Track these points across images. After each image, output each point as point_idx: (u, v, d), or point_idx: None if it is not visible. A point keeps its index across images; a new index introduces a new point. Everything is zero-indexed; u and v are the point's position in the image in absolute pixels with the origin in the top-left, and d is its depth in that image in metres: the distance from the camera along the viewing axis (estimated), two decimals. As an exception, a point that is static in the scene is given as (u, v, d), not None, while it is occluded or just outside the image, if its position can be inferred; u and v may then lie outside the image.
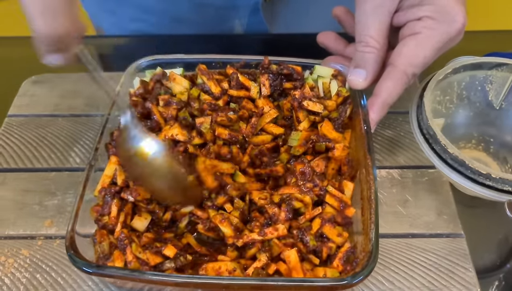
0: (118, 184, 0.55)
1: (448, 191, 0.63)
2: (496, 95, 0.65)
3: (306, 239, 0.52)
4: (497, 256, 0.60)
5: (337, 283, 0.46)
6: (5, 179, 0.65)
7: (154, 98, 0.63)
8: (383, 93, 0.57)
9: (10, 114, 0.73)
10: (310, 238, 0.52)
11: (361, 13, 0.58)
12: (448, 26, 0.55)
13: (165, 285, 0.48)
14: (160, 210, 0.56)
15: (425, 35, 0.56)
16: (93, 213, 0.54)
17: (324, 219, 0.53)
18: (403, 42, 0.57)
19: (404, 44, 0.57)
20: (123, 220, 0.53)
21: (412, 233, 0.59)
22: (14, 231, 0.60)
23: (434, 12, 0.56)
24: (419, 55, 0.56)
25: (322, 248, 0.52)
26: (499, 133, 0.66)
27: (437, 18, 0.56)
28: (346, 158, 0.58)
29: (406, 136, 0.69)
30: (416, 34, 0.56)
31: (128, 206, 0.54)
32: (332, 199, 0.55)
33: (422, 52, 0.56)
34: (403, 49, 0.57)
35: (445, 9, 0.55)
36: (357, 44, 0.59)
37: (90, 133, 0.70)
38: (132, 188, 0.54)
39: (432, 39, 0.56)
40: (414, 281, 0.55)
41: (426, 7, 0.56)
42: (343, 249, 0.52)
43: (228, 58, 0.66)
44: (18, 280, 0.55)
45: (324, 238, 0.53)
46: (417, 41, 0.56)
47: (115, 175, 0.55)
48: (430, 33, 0.56)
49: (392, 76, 0.57)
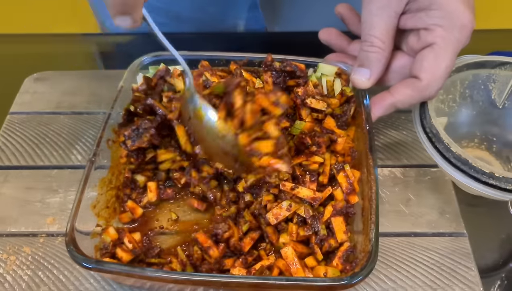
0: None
1: (450, 190, 0.63)
2: (499, 94, 0.65)
3: (318, 226, 0.53)
4: (500, 255, 0.60)
5: (336, 283, 0.46)
6: (7, 176, 0.65)
7: (157, 94, 0.63)
8: (398, 96, 0.58)
9: (12, 112, 0.73)
10: (322, 226, 0.53)
11: (367, 13, 0.58)
12: (459, 32, 0.55)
13: (166, 282, 0.48)
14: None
15: (441, 45, 0.55)
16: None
17: (336, 209, 0.54)
18: (422, 55, 0.57)
19: (423, 58, 0.56)
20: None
21: (414, 232, 0.59)
22: (16, 228, 0.60)
23: (444, 19, 0.55)
24: (441, 66, 0.56)
25: (326, 239, 0.52)
26: (502, 132, 0.66)
27: (447, 26, 0.55)
28: (350, 149, 0.58)
29: (408, 135, 0.69)
30: (432, 45, 0.56)
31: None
32: (344, 179, 0.55)
33: (443, 64, 0.56)
34: (423, 63, 0.56)
35: (454, 14, 0.55)
36: (362, 43, 0.59)
37: (92, 130, 0.70)
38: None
39: (448, 49, 0.56)
40: (417, 280, 0.55)
41: (434, 12, 0.55)
42: (343, 248, 0.52)
43: (231, 56, 0.66)
44: (20, 278, 0.55)
45: (329, 231, 0.53)
46: (435, 53, 0.56)
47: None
48: (445, 43, 0.55)
49: (414, 86, 0.57)
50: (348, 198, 0.55)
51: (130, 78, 0.64)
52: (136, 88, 0.63)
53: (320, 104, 0.60)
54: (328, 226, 0.54)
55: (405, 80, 0.58)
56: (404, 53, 0.61)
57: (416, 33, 0.58)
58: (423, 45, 0.57)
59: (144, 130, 0.59)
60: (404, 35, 0.60)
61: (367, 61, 0.59)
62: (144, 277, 0.47)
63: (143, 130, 0.59)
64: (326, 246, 0.52)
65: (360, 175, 0.56)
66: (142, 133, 0.59)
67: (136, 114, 0.61)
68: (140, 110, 0.60)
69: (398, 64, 0.61)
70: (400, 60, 0.61)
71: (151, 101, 0.60)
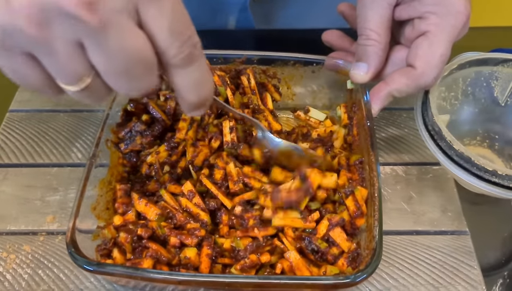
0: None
1: (452, 188, 0.62)
2: (501, 91, 0.65)
3: (313, 245, 0.52)
4: (502, 253, 0.60)
5: (340, 282, 0.45)
6: (6, 174, 0.64)
7: (154, 93, 0.62)
8: (394, 85, 0.57)
9: (11, 109, 0.72)
10: (319, 241, 0.51)
11: (361, 6, 0.58)
12: (454, 19, 0.55)
13: (167, 283, 0.47)
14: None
15: (435, 33, 0.55)
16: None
17: (332, 223, 0.52)
18: (416, 44, 0.56)
19: (417, 46, 0.56)
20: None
21: (416, 230, 0.59)
22: (16, 226, 0.59)
23: (436, 6, 0.55)
24: (436, 54, 0.55)
25: (328, 251, 0.51)
26: (504, 130, 0.66)
27: (440, 13, 0.55)
28: (355, 162, 0.58)
29: (410, 132, 0.69)
30: (426, 33, 0.55)
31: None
32: (352, 203, 0.53)
33: (438, 51, 0.55)
34: (417, 51, 0.56)
35: (447, 1, 0.55)
36: (359, 37, 0.59)
37: (92, 128, 0.70)
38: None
39: (443, 36, 0.55)
40: (419, 278, 0.55)
41: (427, 0, 0.55)
42: (349, 251, 0.51)
43: (229, 54, 0.66)
44: (20, 276, 0.55)
45: (330, 242, 0.52)
46: (429, 41, 0.55)
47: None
48: (439, 30, 0.55)
49: (409, 75, 0.56)
50: (355, 221, 0.53)
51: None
52: None
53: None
54: (328, 240, 0.52)
55: (400, 69, 0.58)
56: (402, 45, 0.61)
57: (411, 23, 0.57)
58: (417, 34, 0.56)
59: (136, 132, 0.59)
60: (401, 27, 0.60)
61: (364, 55, 0.58)
62: (146, 279, 0.46)
63: (136, 132, 0.59)
64: (331, 259, 0.51)
65: (367, 193, 0.54)
66: (135, 136, 0.59)
67: (134, 113, 0.60)
68: (133, 108, 0.60)
69: (397, 57, 0.60)
70: (398, 52, 0.60)
71: (145, 100, 0.60)
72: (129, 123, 0.60)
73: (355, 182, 0.56)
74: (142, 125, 0.59)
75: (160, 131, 0.59)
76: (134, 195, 0.55)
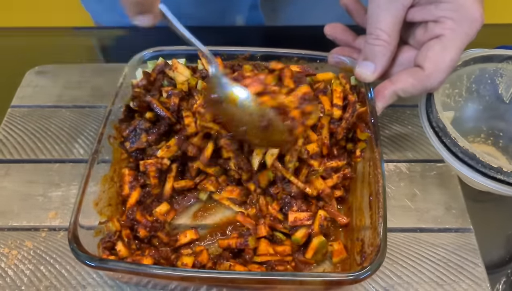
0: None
1: (456, 185, 0.62)
2: (506, 88, 0.64)
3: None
4: (506, 251, 0.59)
5: (345, 278, 0.45)
6: (8, 170, 0.64)
7: (157, 90, 0.62)
8: (399, 84, 0.57)
9: (13, 105, 0.72)
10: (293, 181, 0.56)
11: (375, 6, 0.57)
12: (468, 26, 0.54)
13: (170, 280, 0.47)
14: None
15: (449, 38, 0.55)
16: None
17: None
18: (428, 46, 0.56)
19: (429, 48, 0.56)
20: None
21: (420, 227, 0.58)
22: (18, 222, 0.59)
23: (453, 12, 0.54)
24: (446, 59, 0.55)
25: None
26: (508, 127, 0.65)
27: (457, 19, 0.54)
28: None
29: (414, 129, 0.68)
30: (440, 37, 0.55)
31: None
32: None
33: (449, 56, 0.55)
34: (428, 53, 0.56)
35: (465, 8, 0.54)
36: (368, 36, 0.58)
37: (94, 124, 0.69)
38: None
39: (456, 42, 0.55)
40: (423, 275, 0.54)
41: (444, 5, 0.55)
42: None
43: (233, 50, 0.65)
44: (22, 272, 0.55)
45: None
46: (443, 44, 0.55)
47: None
48: (453, 36, 0.55)
49: (416, 75, 0.56)
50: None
51: (131, 73, 0.63)
52: (135, 84, 0.62)
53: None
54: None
55: (407, 69, 0.58)
56: (410, 46, 0.60)
57: (424, 26, 0.57)
58: (430, 37, 0.56)
59: (141, 130, 0.58)
60: (411, 29, 0.59)
61: (372, 55, 0.58)
62: (148, 275, 0.46)
63: (140, 130, 0.58)
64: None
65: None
66: (140, 134, 0.58)
67: (136, 110, 0.60)
68: (136, 106, 0.60)
69: (404, 58, 0.60)
70: (406, 53, 0.60)
71: (149, 99, 0.60)
72: (133, 121, 0.59)
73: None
74: (146, 123, 0.58)
75: (166, 129, 0.59)
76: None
